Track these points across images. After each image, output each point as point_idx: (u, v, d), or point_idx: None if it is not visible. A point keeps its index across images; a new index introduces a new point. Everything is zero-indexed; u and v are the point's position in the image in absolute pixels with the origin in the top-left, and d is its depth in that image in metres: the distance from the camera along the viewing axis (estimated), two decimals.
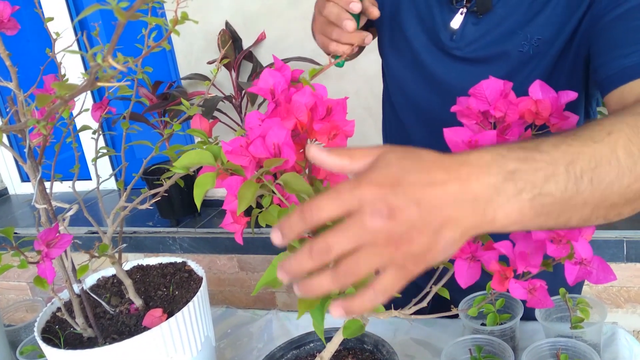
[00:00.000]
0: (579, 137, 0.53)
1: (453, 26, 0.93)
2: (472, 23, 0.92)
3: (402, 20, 1.01)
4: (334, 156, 0.51)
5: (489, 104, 0.67)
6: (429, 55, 0.98)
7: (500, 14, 0.90)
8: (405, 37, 1.01)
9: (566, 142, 0.52)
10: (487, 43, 0.92)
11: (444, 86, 0.98)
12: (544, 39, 0.88)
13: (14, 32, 0.89)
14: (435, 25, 0.96)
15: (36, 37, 2.80)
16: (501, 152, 0.50)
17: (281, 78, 0.66)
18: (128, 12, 0.34)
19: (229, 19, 2.43)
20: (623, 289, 2.01)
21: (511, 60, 0.90)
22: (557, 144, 0.51)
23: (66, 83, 0.44)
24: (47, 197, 0.79)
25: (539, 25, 0.88)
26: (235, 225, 0.66)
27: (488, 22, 0.91)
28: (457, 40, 0.93)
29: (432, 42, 0.97)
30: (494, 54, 0.91)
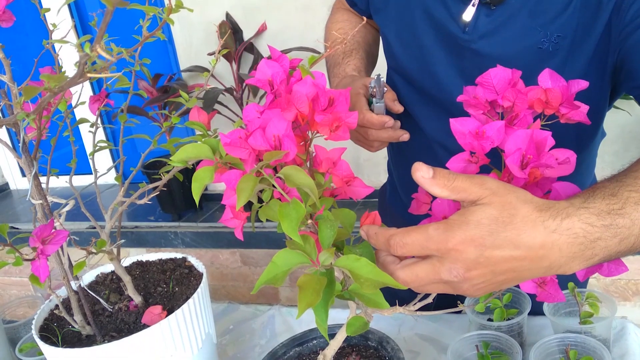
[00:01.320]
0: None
1: (465, 19, 0.91)
2: (484, 15, 0.90)
3: (409, 14, 0.99)
4: (437, 186, 0.55)
5: (497, 93, 0.64)
6: (439, 49, 0.96)
7: (513, 5, 0.88)
8: (413, 31, 0.99)
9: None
10: (504, 38, 0.89)
11: (455, 80, 0.95)
12: (563, 36, 0.86)
13: (10, 24, 0.86)
14: (445, 19, 0.94)
15: (35, 29, 2.78)
16: (591, 221, 0.54)
17: (279, 68, 0.64)
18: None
19: (229, 11, 2.40)
20: (631, 282, 1.99)
21: (530, 57, 0.88)
22: (638, 201, 0.56)
23: (55, 75, 0.42)
24: (43, 193, 0.77)
25: (560, 23, 0.85)
26: (235, 220, 0.64)
27: (502, 14, 0.89)
28: (470, 32, 0.91)
29: (442, 36, 0.95)
30: (511, 50, 0.89)
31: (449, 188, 0.54)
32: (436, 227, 0.53)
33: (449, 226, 0.53)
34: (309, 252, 0.54)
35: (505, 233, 0.52)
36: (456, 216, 0.54)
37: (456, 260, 0.52)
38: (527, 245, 0.52)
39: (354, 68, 1.08)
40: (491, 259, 0.52)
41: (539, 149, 0.60)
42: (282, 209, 0.52)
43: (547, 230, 0.52)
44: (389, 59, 1.11)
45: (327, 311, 0.54)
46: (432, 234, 0.53)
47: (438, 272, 0.53)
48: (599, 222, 0.54)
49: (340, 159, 0.65)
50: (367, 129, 0.94)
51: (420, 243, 0.54)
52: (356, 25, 1.18)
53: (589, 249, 0.54)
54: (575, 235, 0.53)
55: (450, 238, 0.52)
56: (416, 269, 0.55)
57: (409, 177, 0.56)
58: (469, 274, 0.53)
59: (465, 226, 0.52)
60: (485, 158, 0.61)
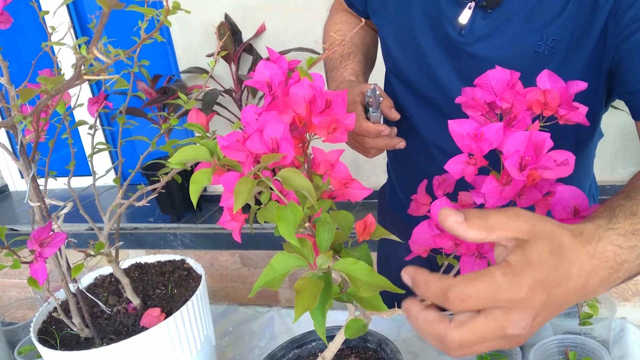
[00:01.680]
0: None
1: (461, 21, 0.91)
2: (481, 17, 0.90)
3: (407, 16, 0.99)
4: (473, 229, 0.49)
5: (495, 94, 0.64)
6: (437, 52, 0.96)
7: (510, 8, 0.88)
8: (412, 33, 0.99)
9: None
10: (500, 42, 0.89)
11: (453, 82, 0.95)
12: (559, 40, 0.86)
13: (7, 26, 0.86)
14: (442, 21, 0.93)
15: (34, 31, 2.78)
16: (619, 243, 0.53)
17: (277, 70, 0.64)
18: (111, 0, 0.32)
19: (228, 12, 2.40)
20: (631, 282, 1.99)
21: (526, 60, 0.87)
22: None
23: (52, 77, 0.42)
24: (41, 195, 0.77)
25: (556, 26, 0.85)
26: (233, 222, 0.64)
27: (498, 17, 0.89)
28: (467, 35, 0.91)
29: (440, 38, 0.95)
30: (507, 53, 0.89)
31: (484, 228, 0.48)
32: (503, 272, 0.46)
33: (517, 270, 0.46)
34: (306, 256, 0.54)
35: (562, 265, 0.48)
36: (518, 257, 0.47)
37: (526, 309, 0.46)
38: (576, 274, 0.50)
39: (351, 72, 1.07)
40: (553, 298, 0.48)
41: (537, 151, 0.60)
42: (280, 211, 0.52)
43: (588, 255, 0.51)
44: (386, 62, 1.11)
45: (324, 315, 0.54)
46: (501, 283, 0.45)
47: (505, 326, 0.46)
48: (626, 243, 0.53)
49: (338, 160, 0.65)
50: (363, 137, 0.94)
51: (488, 294, 0.45)
52: (355, 27, 1.18)
53: (616, 272, 0.53)
54: (607, 259, 0.52)
55: (522, 285, 0.46)
56: (478, 326, 0.46)
57: (408, 178, 0.56)
58: (535, 321, 0.47)
59: (531, 268, 0.47)
60: (483, 160, 0.61)
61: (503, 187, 0.62)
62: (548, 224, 0.50)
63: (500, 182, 0.62)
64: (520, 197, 0.63)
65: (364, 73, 1.11)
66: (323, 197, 0.64)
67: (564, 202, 0.61)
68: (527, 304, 0.46)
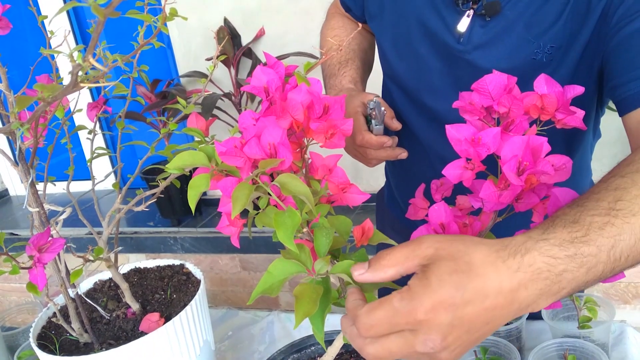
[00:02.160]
0: (619, 211, 0.54)
1: (460, 29, 0.91)
2: (479, 26, 0.90)
3: (404, 23, 0.99)
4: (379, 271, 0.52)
5: (493, 99, 0.65)
6: (435, 59, 0.96)
7: (508, 17, 0.88)
8: (409, 41, 0.99)
9: (609, 222, 0.53)
10: (498, 50, 0.89)
11: (450, 90, 0.95)
12: (556, 47, 0.86)
13: (6, 32, 0.87)
14: (440, 29, 0.94)
15: (33, 36, 2.78)
16: (552, 253, 0.51)
17: (274, 75, 0.64)
18: (106, 9, 0.32)
19: (227, 16, 2.40)
20: (631, 285, 1.98)
21: (524, 68, 0.88)
22: (603, 225, 0.53)
23: (49, 84, 0.42)
24: (40, 201, 0.77)
25: (553, 33, 0.85)
26: (231, 228, 0.64)
27: (496, 25, 0.89)
28: (465, 43, 0.91)
29: (437, 45, 0.95)
30: (505, 61, 0.89)
31: (390, 265, 0.51)
32: (400, 297, 0.49)
33: (413, 294, 0.48)
34: (304, 261, 0.54)
35: (471, 284, 0.48)
36: (416, 281, 0.49)
37: (430, 331, 0.48)
38: (495, 291, 0.49)
39: (350, 80, 1.07)
40: (464, 317, 0.48)
41: (535, 155, 0.60)
42: (278, 217, 0.52)
43: (510, 270, 0.49)
44: (384, 66, 1.11)
45: (323, 320, 0.54)
46: (398, 308, 0.48)
47: (412, 345, 0.49)
48: (562, 253, 0.51)
49: (336, 165, 0.65)
50: (366, 149, 0.95)
51: (388, 320, 0.49)
52: (352, 32, 1.18)
53: (555, 283, 0.50)
54: (539, 270, 0.50)
55: (418, 307, 0.48)
56: (388, 343, 0.49)
57: (406, 182, 0.56)
58: (446, 341, 0.48)
59: (429, 289, 0.48)
60: (481, 165, 0.61)
61: (501, 192, 0.62)
62: (455, 243, 0.51)
63: (498, 187, 0.62)
64: (518, 201, 0.63)
65: (362, 80, 1.11)
66: (321, 202, 0.64)
67: (559, 204, 0.61)
68: (429, 325, 0.48)
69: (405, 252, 0.51)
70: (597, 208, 0.54)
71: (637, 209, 0.54)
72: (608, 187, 0.57)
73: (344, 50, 1.12)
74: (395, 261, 0.51)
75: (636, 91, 0.76)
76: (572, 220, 0.53)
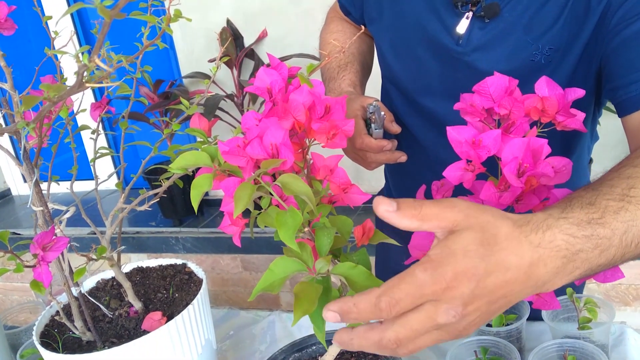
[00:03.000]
0: (632, 198, 0.56)
1: (459, 31, 0.91)
2: (478, 28, 0.90)
3: (403, 26, 0.99)
4: (405, 218, 0.50)
5: (494, 101, 0.65)
6: (433, 61, 0.97)
7: (507, 19, 0.88)
8: (408, 43, 0.99)
9: (624, 208, 0.55)
10: (497, 51, 0.90)
11: (449, 92, 0.96)
12: (555, 49, 0.86)
13: (11, 32, 0.87)
14: (439, 31, 0.94)
15: (37, 37, 2.79)
16: (572, 232, 0.52)
17: (278, 76, 0.64)
18: (112, 10, 0.32)
19: (230, 17, 2.41)
20: (632, 287, 1.99)
21: (523, 69, 0.88)
22: (618, 209, 0.55)
23: (55, 84, 0.42)
24: (44, 200, 0.77)
25: (551, 35, 0.86)
26: (233, 227, 0.65)
27: (495, 27, 0.89)
28: (464, 45, 0.92)
29: (436, 48, 0.95)
30: (504, 63, 0.90)
31: (418, 217, 0.50)
32: (423, 269, 0.48)
33: (437, 264, 0.48)
34: (305, 260, 0.54)
35: (494, 256, 0.49)
36: (439, 250, 0.49)
37: (453, 299, 0.48)
38: (516, 265, 0.49)
39: (349, 83, 1.08)
40: (486, 287, 0.49)
41: (535, 157, 0.61)
42: (279, 216, 0.53)
43: (532, 245, 0.50)
44: (383, 69, 1.11)
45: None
46: (423, 279, 0.48)
47: (434, 317, 0.48)
48: (580, 232, 0.52)
49: (337, 166, 0.66)
50: (365, 152, 0.95)
51: (414, 292, 0.48)
52: (351, 36, 1.18)
53: (571, 261, 0.52)
54: (558, 248, 0.51)
55: (442, 276, 0.48)
56: (409, 320, 0.49)
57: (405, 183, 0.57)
58: (467, 309, 0.49)
59: (453, 259, 0.48)
60: (481, 166, 0.62)
61: (501, 193, 0.62)
62: (485, 214, 0.51)
63: (499, 188, 0.62)
64: (518, 202, 0.64)
65: (361, 83, 1.12)
66: (322, 202, 0.65)
67: None
68: (452, 293, 0.48)
69: (437, 210, 0.51)
70: (611, 193, 0.56)
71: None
72: (620, 175, 0.58)
73: (343, 54, 1.13)
74: (424, 215, 0.50)
75: (637, 93, 0.77)
76: (589, 202, 0.55)
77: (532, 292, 0.52)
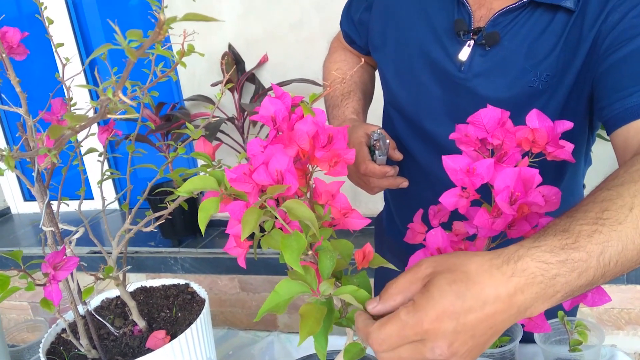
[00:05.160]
0: (606, 220, 0.58)
1: (461, 58, 0.96)
2: (479, 55, 0.95)
3: (407, 53, 1.04)
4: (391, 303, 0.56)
5: (487, 132, 0.69)
6: (436, 87, 1.01)
7: (507, 47, 0.93)
8: (411, 69, 1.04)
9: (597, 230, 0.57)
10: (498, 77, 0.94)
11: (450, 116, 1.00)
12: (552, 75, 0.91)
13: (23, 57, 0.91)
14: (441, 58, 0.99)
15: (39, 58, 2.84)
16: (544, 259, 0.54)
17: (282, 105, 0.68)
18: (138, 51, 0.36)
19: (232, 42, 2.46)
20: (624, 311, 2.01)
21: (522, 95, 0.93)
22: (592, 233, 0.57)
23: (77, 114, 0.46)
24: (55, 220, 0.80)
25: (549, 62, 0.91)
26: (239, 249, 0.68)
27: (495, 55, 0.94)
28: (466, 71, 0.96)
29: (439, 74, 1.00)
30: (504, 89, 0.94)
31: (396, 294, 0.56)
32: (406, 312, 0.53)
33: (418, 306, 0.53)
34: (309, 282, 0.57)
35: (469, 291, 0.52)
36: (419, 295, 0.54)
37: (436, 338, 0.52)
38: (493, 297, 0.52)
39: (352, 111, 1.13)
40: (467, 324, 0.52)
41: (527, 186, 0.64)
42: (285, 240, 0.56)
43: (505, 276, 0.53)
44: (386, 94, 1.15)
45: (326, 338, 0.57)
46: (405, 320, 0.53)
47: (422, 352, 0.53)
48: (554, 258, 0.54)
49: (338, 191, 0.69)
50: (369, 177, 0.99)
51: (398, 333, 0.53)
52: (353, 65, 1.23)
53: (549, 286, 0.54)
54: (533, 275, 0.53)
55: (424, 317, 0.52)
56: (400, 351, 0.54)
57: (406, 205, 0.60)
58: (453, 347, 0.52)
59: (432, 300, 0.52)
60: (475, 193, 0.65)
61: (494, 220, 0.65)
62: (452, 258, 0.55)
63: (492, 215, 0.66)
64: (511, 228, 0.67)
65: (363, 111, 1.16)
66: (324, 226, 0.68)
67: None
68: (435, 333, 0.52)
69: (408, 277, 0.56)
70: (585, 218, 0.58)
71: (622, 217, 0.58)
72: (595, 200, 0.61)
73: (346, 83, 1.18)
74: (401, 288, 0.56)
75: (620, 110, 0.81)
76: (562, 229, 0.57)
77: (517, 319, 0.55)
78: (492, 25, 0.94)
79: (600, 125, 1.00)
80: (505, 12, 0.93)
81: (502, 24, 0.93)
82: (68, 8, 2.73)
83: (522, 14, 0.92)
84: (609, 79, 0.85)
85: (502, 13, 0.93)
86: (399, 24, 1.06)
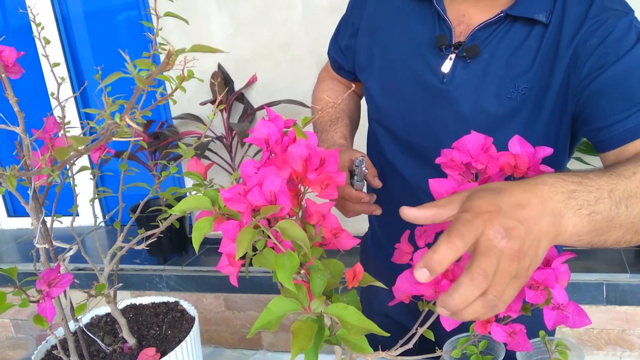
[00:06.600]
0: (612, 172, 0.68)
1: (444, 70, 1.01)
2: (461, 67, 1.00)
3: (392, 68, 1.09)
4: (424, 212, 0.62)
5: (471, 156, 0.72)
6: (419, 98, 1.06)
7: (487, 59, 0.99)
8: (396, 83, 1.09)
9: (605, 175, 0.66)
10: (478, 88, 0.99)
11: (433, 127, 1.04)
12: (529, 88, 0.96)
13: (18, 76, 0.93)
14: (425, 72, 1.04)
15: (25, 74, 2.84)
16: (560, 176, 0.63)
17: (274, 128, 0.70)
18: (147, 79, 0.38)
19: (221, 62, 2.49)
20: (603, 332, 2.05)
21: (501, 106, 0.98)
22: (599, 175, 0.66)
23: (81, 137, 0.48)
24: (49, 238, 0.82)
25: (527, 77, 0.96)
26: (231, 267, 0.69)
27: (476, 66, 0.99)
28: (448, 82, 1.01)
29: (422, 86, 1.05)
30: (484, 99, 0.99)
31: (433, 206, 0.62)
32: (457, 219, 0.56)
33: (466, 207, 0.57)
34: (301, 300, 0.59)
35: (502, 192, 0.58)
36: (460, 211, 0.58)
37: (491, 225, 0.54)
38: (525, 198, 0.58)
39: (341, 136, 1.18)
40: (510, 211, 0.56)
41: None
42: (278, 259, 0.58)
43: (529, 184, 0.60)
44: (371, 112, 1.20)
45: (317, 355, 0.59)
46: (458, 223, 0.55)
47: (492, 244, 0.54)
48: (569, 179, 0.62)
49: (329, 212, 0.71)
50: (345, 200, 1.03)
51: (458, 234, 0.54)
52: (341, 93, 1.30)
53: (571, 198, 0.60)
54: (554, 185, 0.60)
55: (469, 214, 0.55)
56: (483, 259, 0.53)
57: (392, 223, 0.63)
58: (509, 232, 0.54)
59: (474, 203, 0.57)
60: None
61: None
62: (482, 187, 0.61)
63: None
64: None
65: (351, 135, 1.22)
66: (314, 245, 0.70)
67: None
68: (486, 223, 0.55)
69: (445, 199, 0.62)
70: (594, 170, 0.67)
71: (626, 175, 0.68)
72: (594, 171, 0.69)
73: (334, 109, 1.23)
74: (438, 203, 0.62)
75: (618, 132, 0.88)
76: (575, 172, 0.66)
77: (555, 221, 0.59)
78: (472, 39, 0.99)
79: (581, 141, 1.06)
80: (484, 27, 0.99)
81: (481, 37, 0.99)
82: (58, 25, 2.75)
83: (500, 28, 0.98)
84: (597, 104, 0.90)
85: (481, 27, 0.99)
86: (384, 42, 1.11)
